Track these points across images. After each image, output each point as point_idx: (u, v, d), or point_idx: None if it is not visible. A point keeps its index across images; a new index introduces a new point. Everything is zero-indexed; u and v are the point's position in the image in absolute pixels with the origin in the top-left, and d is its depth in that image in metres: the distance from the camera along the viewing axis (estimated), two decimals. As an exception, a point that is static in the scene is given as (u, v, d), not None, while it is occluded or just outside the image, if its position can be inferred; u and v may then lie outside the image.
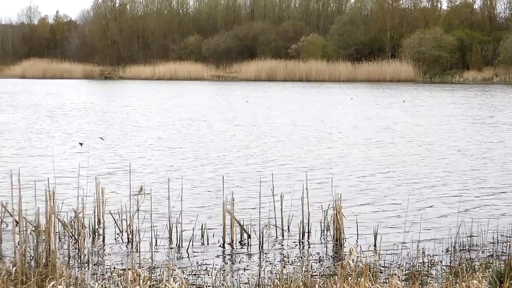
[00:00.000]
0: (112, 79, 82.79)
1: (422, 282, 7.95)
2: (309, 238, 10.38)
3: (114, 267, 8.73)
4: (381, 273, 8.40)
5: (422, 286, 7.83)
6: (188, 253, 9.61)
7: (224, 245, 9.98)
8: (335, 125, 27.59)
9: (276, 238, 10.41)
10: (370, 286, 7.11)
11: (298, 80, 73.81)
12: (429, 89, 57.40)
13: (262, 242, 9.94)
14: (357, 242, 10.08)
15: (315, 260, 9.28)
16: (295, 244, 10.12)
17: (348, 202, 12.21)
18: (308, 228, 10.53)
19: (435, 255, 9.35)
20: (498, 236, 10.31)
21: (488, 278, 7.54)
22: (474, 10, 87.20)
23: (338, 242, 10.07)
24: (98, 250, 9.69)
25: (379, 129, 26.03)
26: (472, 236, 10.23)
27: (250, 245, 10.00)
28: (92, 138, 22.76)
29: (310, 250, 9.85)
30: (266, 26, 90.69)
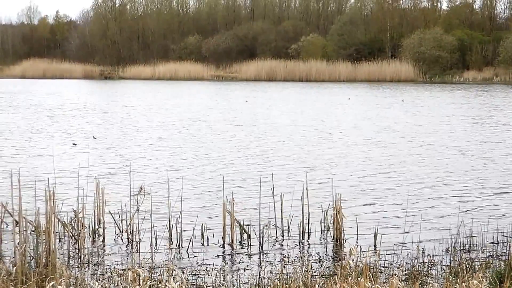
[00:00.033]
0: (112, 79, 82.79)
1: (422, 282, 7.95)
2: (309, 238, 10.38)
3: (114, 267, 8.73)
4: (381, 273, 8.40)
5: (422, 286, 7.83)
6: (188, 253, 9.61)
7: (224, 245, 9.98)
8: (335, 125, 27.58)
9: (276, 238, 10.41)
10: (370, 286, 7.11)
11: (298, 80, 73.81)
12: (429, 89, 57.39)
13: (262, 242, 9.94)
14: (357, 242, 10.08)
15: (315, 260, 9.27)
16: (295, 244, 10.12)
17: (348, 202, 12.21)
18: (308, 228, 10.53)
19: (435, 255, 9.34)
20: (498, 236, 10.30)
21: (488, 278, 7.54)
22: (474, 10, 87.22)
23: (338, 242, 10.07)
24: (98, 250, 9.69)
25: (379, 129, 26.03)
26: (472, 236, 10.23)
27: (250, 245, 10.00)
28: (92, 139, 22.76)
29: (310, 250, 9.85)
30: (266, 26, 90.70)
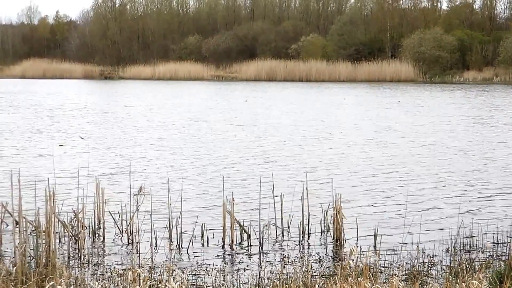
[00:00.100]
0: (112, 79, 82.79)
1: (422, 282, 7.95)
2: (309, 238, 10.38)
3: (114, 267, 8.73)
4: (381, 273, 8.40)
5: (422, 286, 7.83)
6: (188, 253, 9.61)
7: (224, 245, 9.98)
8: (336, 125, 27.58)
9: (276, 238, 10.41)
10: (370, 286, 7.11)
11: (298, 80, 73.81)
12: (429, 89, 57.39)
13: (262, 242, 9.93)
14: (357, 242, 10.07)
15: (315, 260, 9.27)
16: (295, 244, 10.12)
17: (348, 202, 12.21)
18: (308, 228, 10.52)
19: (435, 255, 9.34)
20: (498, 236, 10.30)
21: (488, 278, 7.54)
22: (474, 10, 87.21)
23: (338, 242, 10.07)
24: (98, 250, 9.69)
25: (380, 129, 26.03)
26: (472, 236, 10.23)
27: (250, 245, 10.00)
28: (92, 139, 22.77)
29: (310, 250, 9.85)
30: (266, 26, 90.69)
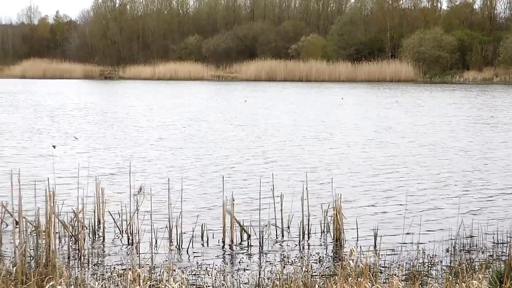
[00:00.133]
0: (112, 79, 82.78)
1: (422, 282, 7.95)
2: (309, 238, 10.38)
3: (114, 267, 8.73)
4: (381, 273, 8.40)
5: (422, 286, 7.83)
6: (188, 253, 9.61)
7: (224, 245, 9.98)
8: (336, 125, 27.58)
9: (276, 238, 10.41)
10: (370, 286, 7.11)
11: (298, 80, 73.80)
12: (429, 89, 57.39)
13: (262, 242, 9.94)
14: (357, 242, 10.07)
15: (315, 260, 9.27)
16: (295, 244, 10.12)
17: (348, 202, 12.21)
18: (308, 228, 10.53)
19: (435, 255, 9.34)
20: (498, 236, 10.30)
21: (488, 279, 7.54)
22: (474, 10, 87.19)
23: (338, 242, 10.06)
24: (98, 250, 9.69)
25: (380, 129, 26.03)
26: (472, 236, 10.23)
27: (250, 245, 10.00)
28: (92, 139, 22.77)
29: (310, 250, 9.85)
30: (266, 26, 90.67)
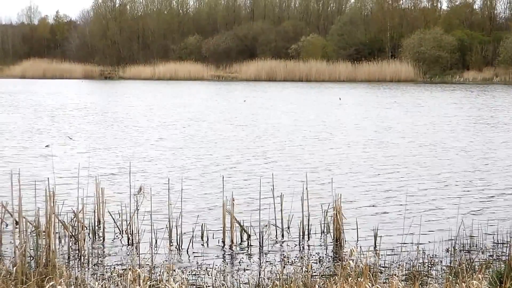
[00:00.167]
0: (112, 79, 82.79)
1: (422, 282, 7.95)
2: (309, 239, 10.38)
3: (114, 267, 8.73)
4: (381, 273, 8.40)
5: (422, 286, 7.83)
6: (188, 253, 9.61)
7: (224, 245, 9.98)
8: (336, 125, 27.58)
9: (276, 238, 10.41)
10: (370, 286, 7.11)
11: (298, 80, 73.80)
12: (429, 89, 57.38)
13: (262, 242, 9.94)
14: (357, 242, 10.07)
15: (315, 260, 9.27)
16: (295, 244, 10.12)
17: (348, 202, 12.20)
18: (308, 228, 10.53)
19: (435, 256, 9.34)
20: (498, 236, 10.30)
21: (488, 279, 7.54)
22: (474, 10, 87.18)
23: (338, 242, 10.06)
24: (98, 250, 9.69)
25: (380, 129, 26.03)
26: (472, 236, 10.23)
27: (250, 245, 10.00)
28: (92, 139, 22.77)
29: (310, 250, 9.85)
30: (266, 26, 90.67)
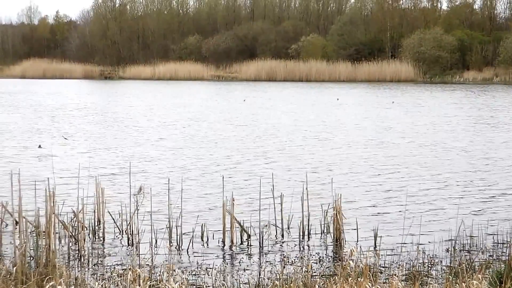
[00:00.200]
0: (112, 79, 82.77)
1: (422, 282, 7.95)
2: (309, 239, 10.38)
3: (114, 267, 8.74)
4: (381, 273, 8.40)
5: (422, 286, 7.83)
6: (188, 253, 9.61)
7: (224, 245, 9.98)
8: (336, 125, 27.59)
9: (276, 238, 10.41)
10: (370, 286, 7.11)
11: (298, 80, 73.78)
12: (429, 89, 57.38)
13: (262, 242, 9.94)
14: (357, 242, 10.07)
15: (315, 260, 9.27)
16: (295, 244, 10.12)
17: (348, 202, 12.20)
18: (308, 228, 10.53)
19: (435, 256, 9.34)
20: (498, 237, 10.30)
21: (488, 279, 7.54)
22: (474, 10, 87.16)
23: (338, 243, 10.06)
24: (98, 250, 9.69)
25: (380, 129, 26.03)
26: (472, 236, 10.23)
27: (250, 245, 10.00)
28: (93, 139, 22.77)
29: (310, 250, 9.85)
30: (266, 26, 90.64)
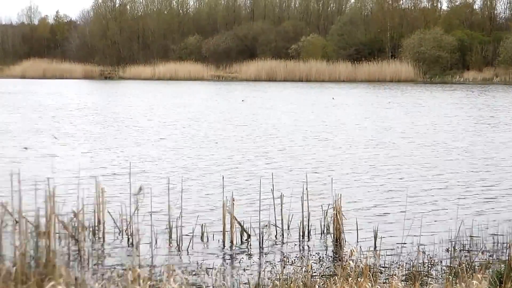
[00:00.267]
0: (112, 79, 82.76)
1: (422, 282, 7.95)
2: (309, 239, 10.38)
3: (114, 267, 8.74)
4: (381, 273, 8.40)
5: (422, 286, 7.83)
6: (188, 253, 9.61)
7: (224, 245, 9.98)
8: (336, 125, 27.59)
9: (276, 238, 10.41)
10: (370, 286, 7.11)
11: (298, 80, 73.78)
12: (429, 89, 57.38)
13: (262, 242, 9.94)
14: (357, 242, 10.07)
15: (315, 260, 9.27)
16: (295, 244, 10.12)
17: (348, 202, 12.20)
18: (308, 228, 10.53)
19: (435, 256, 9.34)
20: (498, 237, 10.30)
21: (488, 279, 7.54)
22: (474, 10, 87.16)
23: (338, 243, 10.06)
24: (98, 250, 9.69)
25: (380, 129, 26.03)
26: (472, 236, 10.24)
27: (250, 245, 10.01)
28: (93, 139, 22.77)
29: (310, 250, 9.85)
30: (266, 26, 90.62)
